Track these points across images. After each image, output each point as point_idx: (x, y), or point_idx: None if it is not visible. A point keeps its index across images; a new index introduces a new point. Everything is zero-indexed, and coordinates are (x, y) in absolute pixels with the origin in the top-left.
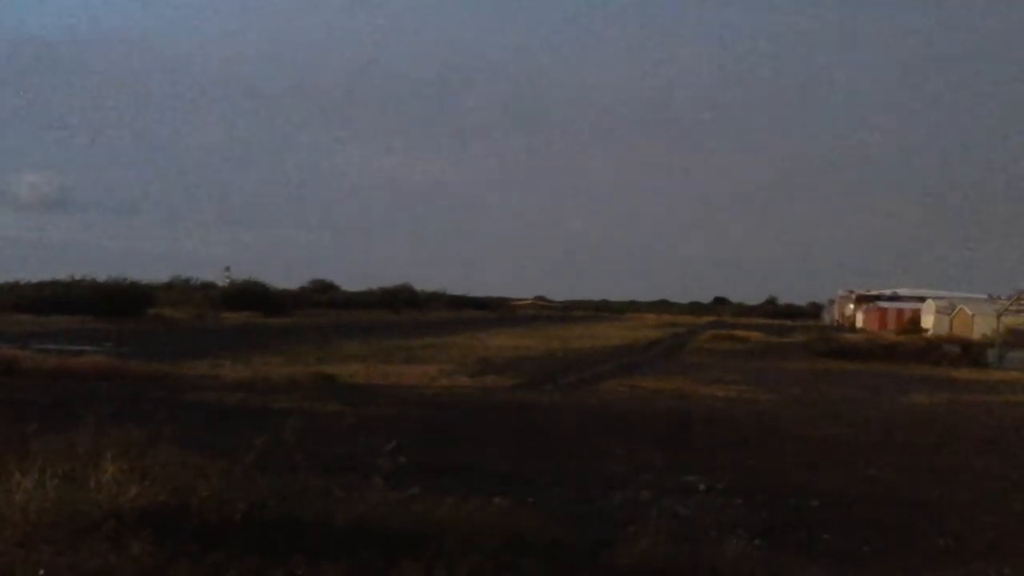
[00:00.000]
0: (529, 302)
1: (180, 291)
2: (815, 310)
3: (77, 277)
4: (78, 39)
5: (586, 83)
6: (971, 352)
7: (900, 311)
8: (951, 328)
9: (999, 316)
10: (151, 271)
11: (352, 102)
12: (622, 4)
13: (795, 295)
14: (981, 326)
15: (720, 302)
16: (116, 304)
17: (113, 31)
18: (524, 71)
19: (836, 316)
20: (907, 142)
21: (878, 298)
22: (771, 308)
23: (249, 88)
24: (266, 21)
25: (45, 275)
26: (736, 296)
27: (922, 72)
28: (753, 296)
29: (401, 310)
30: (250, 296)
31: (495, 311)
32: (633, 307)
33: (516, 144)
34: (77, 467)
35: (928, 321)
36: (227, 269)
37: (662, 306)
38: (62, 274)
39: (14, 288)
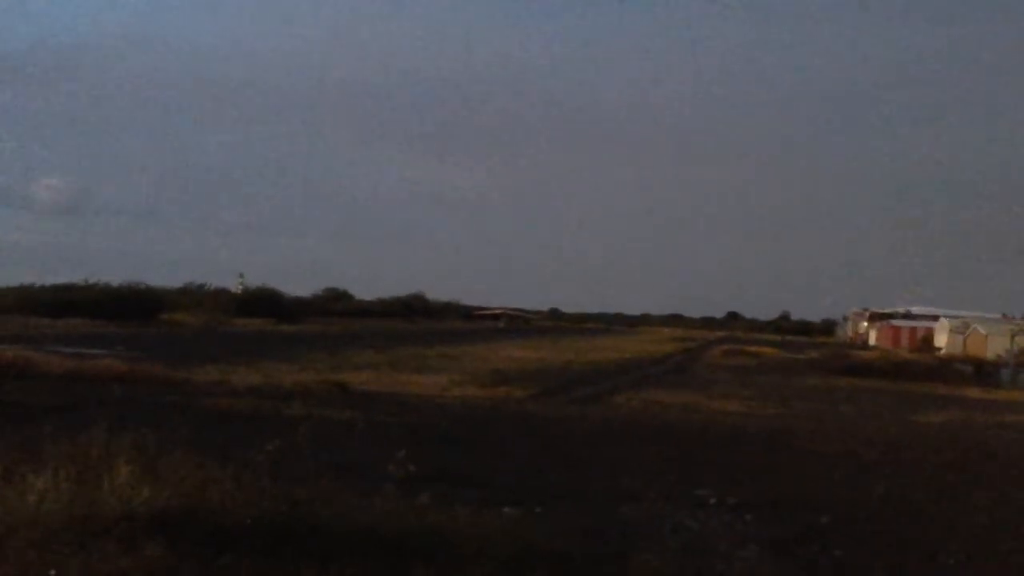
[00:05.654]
0: (500, 311)
1: (194, 296)
2: (828, 327)
3: (92, 281)
4: (97, 44)
5: (603, 95)
6: (984, 371)
7: (913, 329)
8: (964, 347)
9: (1013, 336)
10: (165, 276)
11: (369, 110)
12: (641, 18)
13: (808, 312)
14: (994, 346)
15: (733, 317)
16: (130, 308)
17: (132, 36)
18: (541, 83)
19: (849, 333)
20: (923, 159)
21: (892, 316)
22: (784, 324)
23: (266, 95)
24: (285, 27)
25: (60, 278)
26: (749, 311)
27: (938, 87)
28: (766, 312)
29: (414, 319)
30: (263, 303)
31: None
32: (646, 321)
33: (532, 155)
34: (90, 469)
35: (941, 340)
36: (241, 275)
37: (675, 320)
38: (77, 278)
39: (29, 291)
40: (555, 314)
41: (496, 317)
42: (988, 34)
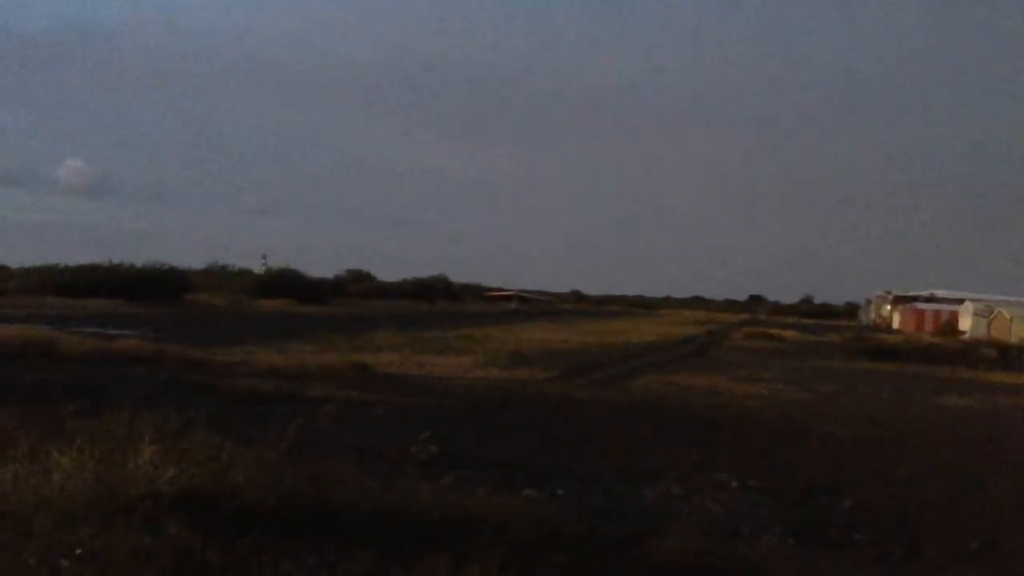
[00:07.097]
0: (513, 293)
1: (217, 277)
2: (851, 310)
3: (115, 262)
4: (119, 25)
5: (625, 79)
6: (1009, 356)
7: (937, 313)
8: (989, 331)
9: None
10: (188, 257)
11: (392, 92)
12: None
13: (831, 295)
14: (1019, 330)
15: (756, 300)
16: (153, 289)
17: (155, 17)
18: (563, 67)
19: (873, 316)
20: (948, 143)
21: (915, 299)
22: (807, 307)
23: (289, 76)
24: (306, 9)
25: (84, 259)
26: (772, 294)
27: (964, 72)
28: (789, 295)
29: (436, 301)
30: (286, 284)
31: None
32: (668, 303)
33: (555, 139)
34: (114, 449)
35: (965, 323)
36: (264, 257)
37: (697, 303)
38: (101, 258)
39: (53, 271)
40: (577, 296)
41: (508, 299)
42: (1007, 17)
